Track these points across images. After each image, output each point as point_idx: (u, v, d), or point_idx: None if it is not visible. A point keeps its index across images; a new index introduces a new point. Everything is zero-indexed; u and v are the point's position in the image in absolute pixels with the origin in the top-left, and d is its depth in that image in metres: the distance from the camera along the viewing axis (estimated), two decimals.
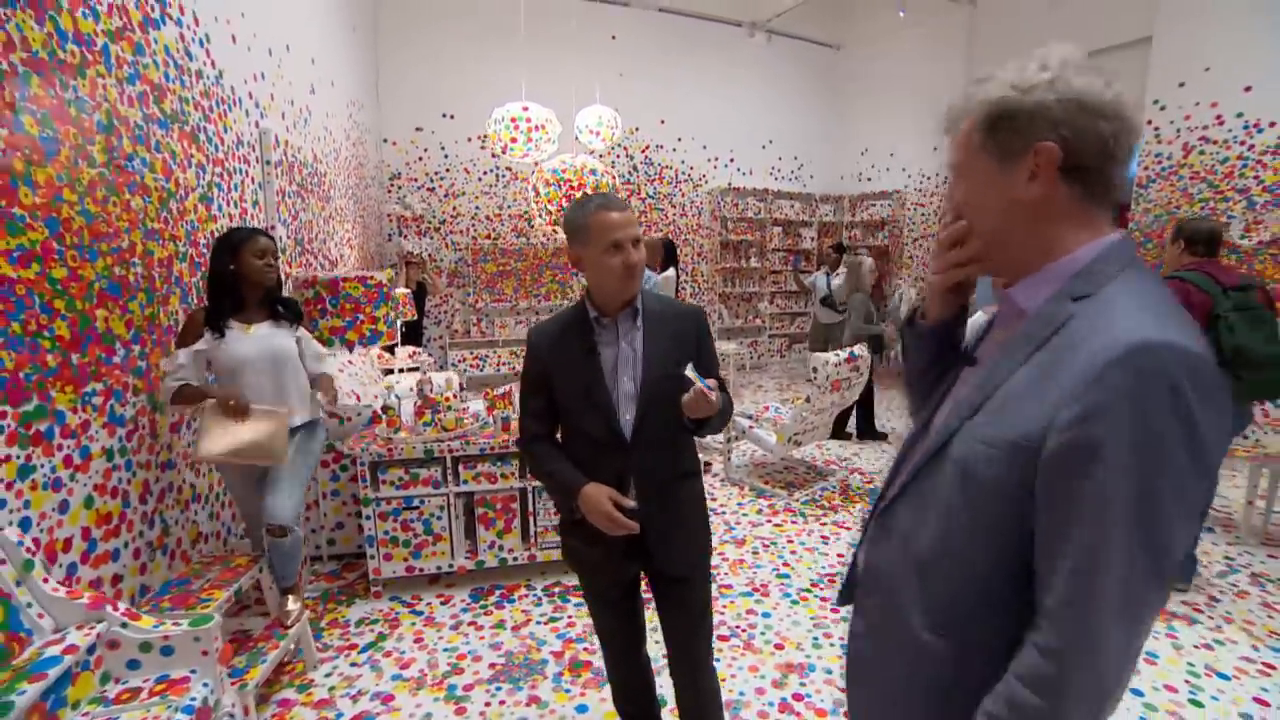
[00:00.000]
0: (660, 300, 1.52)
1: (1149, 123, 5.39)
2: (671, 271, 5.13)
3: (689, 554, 1.55)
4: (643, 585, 1.68)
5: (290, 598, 2.29)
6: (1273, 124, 4.72)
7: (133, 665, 1.37)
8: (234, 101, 3.15)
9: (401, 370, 5.19)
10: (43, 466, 1.75)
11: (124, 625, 1.37)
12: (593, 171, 4.54)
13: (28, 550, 1.31)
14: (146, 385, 2.26)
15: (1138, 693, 2.24)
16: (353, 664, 2.42)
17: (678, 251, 5.52)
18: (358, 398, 3.40)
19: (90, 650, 1.27)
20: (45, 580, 1.31)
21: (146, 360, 2.26)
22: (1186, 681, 2.30)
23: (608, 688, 2.26)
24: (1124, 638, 0.63)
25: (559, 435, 1.56)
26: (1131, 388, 0.61)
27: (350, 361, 4.06)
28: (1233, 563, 3.17)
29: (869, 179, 8.66)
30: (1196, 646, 2.51)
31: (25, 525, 1.64)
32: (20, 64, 1.75)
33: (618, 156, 7.51)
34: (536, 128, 4.38)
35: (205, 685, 1.37)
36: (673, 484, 1.48)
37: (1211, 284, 2.68)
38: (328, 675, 2.36)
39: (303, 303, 2.81)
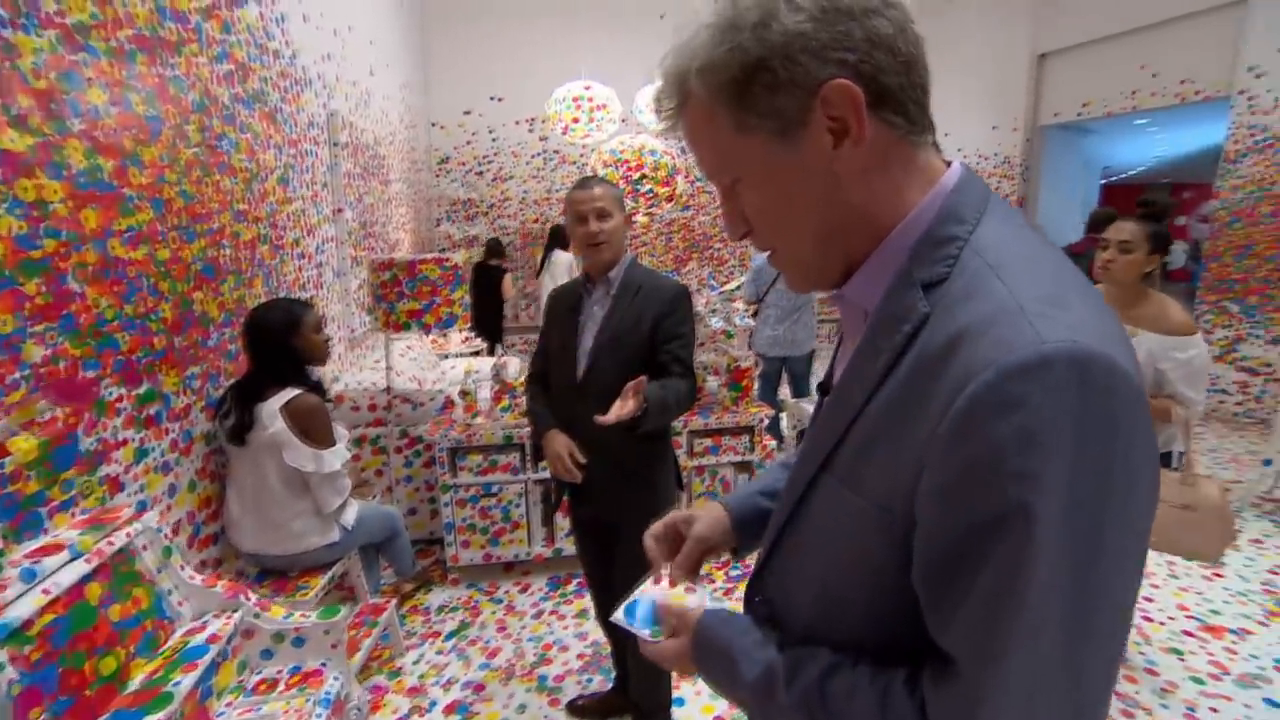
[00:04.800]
0: (645, 274, 1.69)
1: (1240, 93, 5.06)
2: (557, 254, 5.56)
3: (621, 501, 1.64)
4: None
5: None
6: None
7: (266, 655, 1.35)
8: (306, 82, 3.12)
9: (456, 355, 5.18)
10: (154, 450, 1.75)
11: (257, 615, 1.34)
12: (651, 151, 4.42)
13: (166, 537, 1.28)
14: (236, 369, 2.24)
15: None
16: (438, 652, 2.41)
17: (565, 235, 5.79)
18: (420, 383, 3.38)
19: (229, 639, 1.25)
20: (182, 567, 1.28)
21: (236, 343, 2.25)
22: None
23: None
24: None
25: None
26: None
27: (410, 346, 4.04)
28: None
29: None
30: None
31: (141, 508, 1.64)
32: (128, 41, 1.71)
33: (668, 137, 7.36)
34: (599, 107, 4.28)
35: (337, 678, 1.34)
36: (610, 434, 1.49)
37: None
38: (416, 663, 2.34)
39: (379, 285, 2.76)
